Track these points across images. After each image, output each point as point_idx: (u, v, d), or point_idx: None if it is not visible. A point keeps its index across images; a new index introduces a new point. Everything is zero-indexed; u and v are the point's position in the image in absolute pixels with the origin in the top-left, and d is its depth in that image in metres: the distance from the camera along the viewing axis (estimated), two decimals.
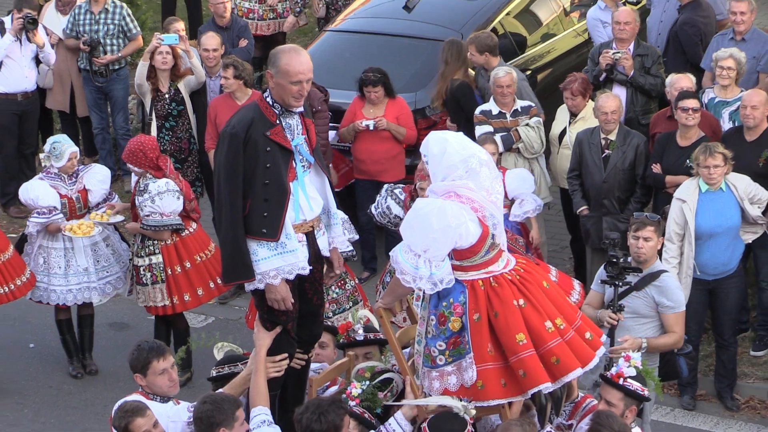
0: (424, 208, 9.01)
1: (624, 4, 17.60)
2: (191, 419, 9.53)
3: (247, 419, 9.61)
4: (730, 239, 14.11)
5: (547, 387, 9.03)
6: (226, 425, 9.22)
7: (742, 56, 15.71)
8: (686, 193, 14.23)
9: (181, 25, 17.88)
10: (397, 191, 13.93)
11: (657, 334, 12.28)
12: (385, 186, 14.09)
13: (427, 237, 8.89)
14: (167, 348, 10.28)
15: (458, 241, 8.91)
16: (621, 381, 9.69)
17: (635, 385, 9.71)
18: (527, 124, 15.70)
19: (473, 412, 9.03)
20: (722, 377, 14.62)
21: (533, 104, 15.99)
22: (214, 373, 10.38)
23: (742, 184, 14.12)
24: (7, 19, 18.23)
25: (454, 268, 9.01)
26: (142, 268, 14.70)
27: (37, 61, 18.34)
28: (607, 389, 9.75)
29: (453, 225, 8.87)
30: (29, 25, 17.79)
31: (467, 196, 9.02)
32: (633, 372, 9.75)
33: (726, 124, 15.41)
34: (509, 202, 14.44)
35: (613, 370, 9.79)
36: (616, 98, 15.48)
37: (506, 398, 9.08)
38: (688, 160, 14.38)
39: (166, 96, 16.83)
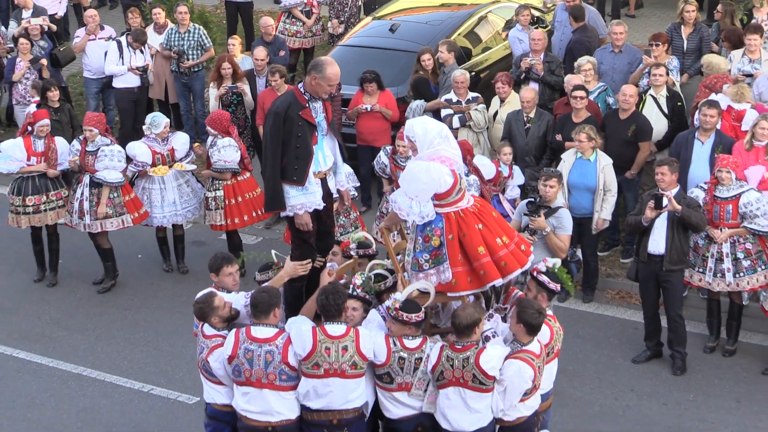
0: (415, 168, 9.18)
1: (536, 27, 17.63)
2: (248, 303, 9.57)
3: (289, 306, 9.84)
4: (590, 193, 14.08)
5: (498, 282, 9.23)
6: (277, 306, 9.37)
7: (594, 61, 15.86)
8: (567, 157, 14.32)
9: (237, 41, 18.00)
10: (387, 147, 14.70)
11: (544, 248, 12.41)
12: (382, 147, 14.74)
13: (418, 187, 9.07)
14: (234, 258, 10.35)
15: (438, 189, 9.07)
16: (535, 274, 9.86)
17: (544, 278, 9.85)
18: (476, 109, 15.73)
19: (432, 289, 9.25)
20: (588, 281, 14.68)
21: (480, 95, 16.05)
22: (258, 277, 10.43)
23: (605, 161, 14.13)
24: (123, 39, 18.39)
25: (435, 205, 9.14)
26: (209, 199, 15.04)
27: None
28: (529, 279, 9.96)
29: (435, 179, 9.04)
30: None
31: (446, 156, 9.19)
32: (544, 268, 9.92)
33: None
34: (499, 188, 14.66)
35: (533, 266, 9.93)
36: (533, 90, 15.56)
37: (471, 290, 9.28)
38: None
39: (231, 86, 16.93)
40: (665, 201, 12.58)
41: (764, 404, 12.45)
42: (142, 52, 18.35)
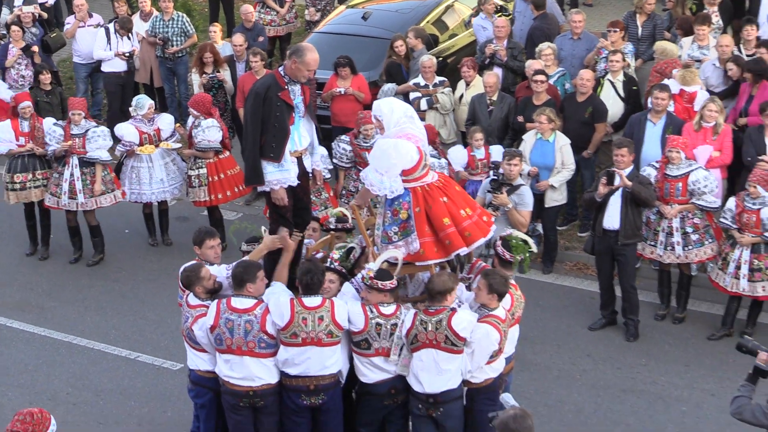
0: (384, 145, 9.24)
1: (499, 16, 17.59)
2: (229, 275, 9.64)
3: (268, 277, 9.76)
4: (549, 172, 14.12)
5: (464, 250, 9.36)
6: (251, 281, 9.35)
7: (554, 46, 15.85)
8: (528, 137, 14.34)
9: (218, 28, 17.91)
10: (343, 137, 14.67)
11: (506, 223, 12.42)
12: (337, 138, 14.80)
13: (388, 163, 9.12)
14: (216, 232, 10.44)
15: (406, 164, 9.12)
16: (497, 242, 10.01)
17: (499, 249, 9.99)
18: (443, 92, 15.69)
19: (400, 257, 9.31)
20: (547, 253, 14.71)
21: (446, 79, 15.99)
22: (244, 247, 10.50)
23: (563, 141, 14.17)
24: (111, 26, 18.27)
25: (403, 180, 9.18)
26: (193, 177, 15.00)
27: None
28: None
29: (403, 154, 9.10)
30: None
31: (412, 133, 9.25)
32: (505, 234, 10.13)
33: None
34: (480, 171, 14.45)
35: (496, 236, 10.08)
36: (495, 75, 15.56)
37: (438, 259, 9.35)
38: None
39: (211, 77, 16.83)
40: (617, 178, 12.62)
41: (711, 368, 12.53)
42: (129, 38, 18.24)
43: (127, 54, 18.17)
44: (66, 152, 14.73)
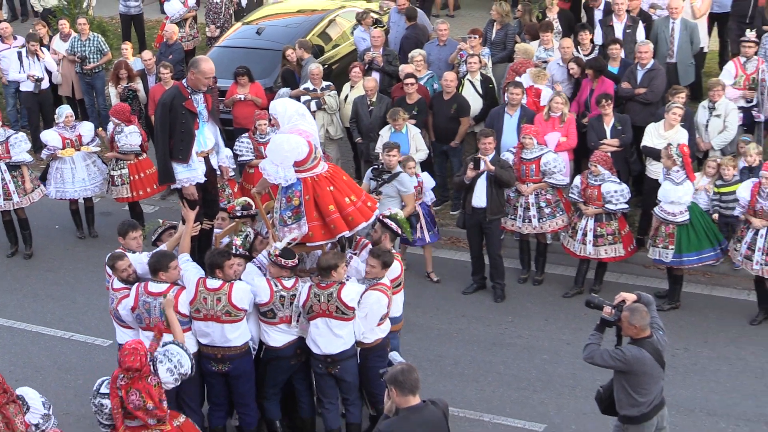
0: (278, 139, 9.24)
1: (375, 27, 17.59)
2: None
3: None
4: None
5: (346, 233, 9.41)
6: (162, 270, 9.37)
7: (424, 53, 15.87)
8: (384, 132, 14.33)
9: (129, 46, 17.63)
10: (242, 138, 14.62)
11: (400, 206, 12.50)
12: (237, 139, 14.69)
13: (282, 155, 9.11)
14: (138, 225, 10.44)
15: (297, 156, 9.11)
16: (382, 218, 10.07)
17: (389, 222, 10.10)
18: (329, 95, 15.61)
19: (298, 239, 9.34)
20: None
21: (332, 83, 15.95)
22: (153, 238, 10.50)
23: (414, 131, 14.24)
24: (23, 50, 17.77)
25: (296, 171, 9.19)
26: (115, 176, 14.89)
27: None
28: (378, 224, 10.10)
29: (295, 147, 9.08)
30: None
31: (303, 129, 9.27)
32: (388, 213, 10.25)
33: None
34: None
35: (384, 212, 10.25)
36: (374, 80, 15.45)
37: (325, 240, 9.40)
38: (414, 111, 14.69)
39: (126, 89, 16.62)
40: (482, 163, 12.77)
41: (566, 321, 12.77)
42: (39, 60, 17.76)
43: (36, 78, 17.72)
44: None
